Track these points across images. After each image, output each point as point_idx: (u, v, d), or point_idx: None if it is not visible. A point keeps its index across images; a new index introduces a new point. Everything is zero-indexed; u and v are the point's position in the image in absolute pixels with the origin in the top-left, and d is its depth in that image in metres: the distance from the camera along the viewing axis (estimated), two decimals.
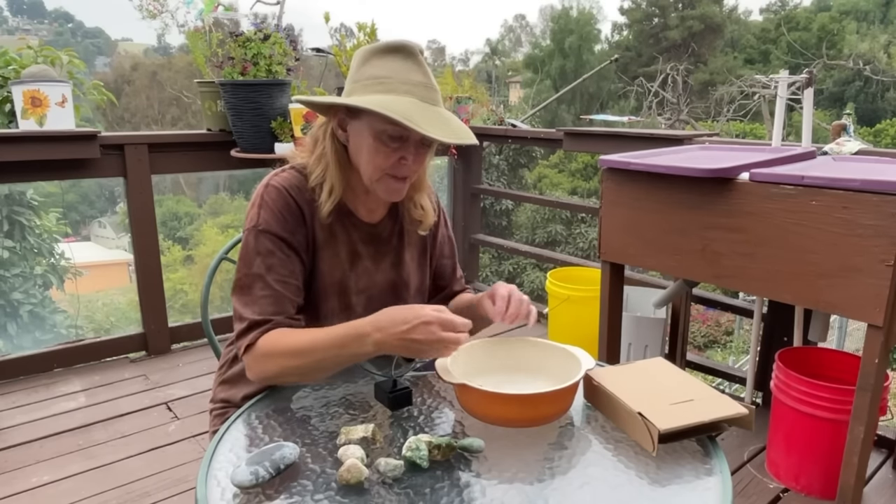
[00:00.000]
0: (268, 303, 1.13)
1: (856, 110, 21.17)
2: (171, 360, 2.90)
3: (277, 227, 1.15)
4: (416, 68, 1.13)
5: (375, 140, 1.13)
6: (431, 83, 1.14)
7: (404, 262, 1.31)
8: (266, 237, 1.15)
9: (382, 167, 1.14)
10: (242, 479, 0.85)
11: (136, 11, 2.93)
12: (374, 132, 1.12)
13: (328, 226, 1.21)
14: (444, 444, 0.91)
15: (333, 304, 1.22)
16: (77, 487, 1.97)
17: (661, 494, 0.86)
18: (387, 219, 1.29)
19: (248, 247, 1.16)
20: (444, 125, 1.10)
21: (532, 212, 12.14)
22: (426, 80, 1.13)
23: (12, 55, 2.71)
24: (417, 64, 1.13)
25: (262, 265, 1.14)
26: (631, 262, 2.01)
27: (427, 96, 1.12)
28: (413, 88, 1.11)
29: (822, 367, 1.97)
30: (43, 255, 3.62)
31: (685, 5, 30.31)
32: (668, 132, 4.61)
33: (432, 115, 1.10)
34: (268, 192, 1.17)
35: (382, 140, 1.12)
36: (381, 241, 1.28)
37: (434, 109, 1.12)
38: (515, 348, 1.15)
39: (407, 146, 1.14)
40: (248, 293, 1.14)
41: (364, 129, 1.14)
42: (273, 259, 1.15)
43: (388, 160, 1.14)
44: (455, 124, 1.13)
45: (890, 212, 1.40)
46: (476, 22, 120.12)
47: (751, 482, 1.97)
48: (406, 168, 1.15)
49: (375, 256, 1.27)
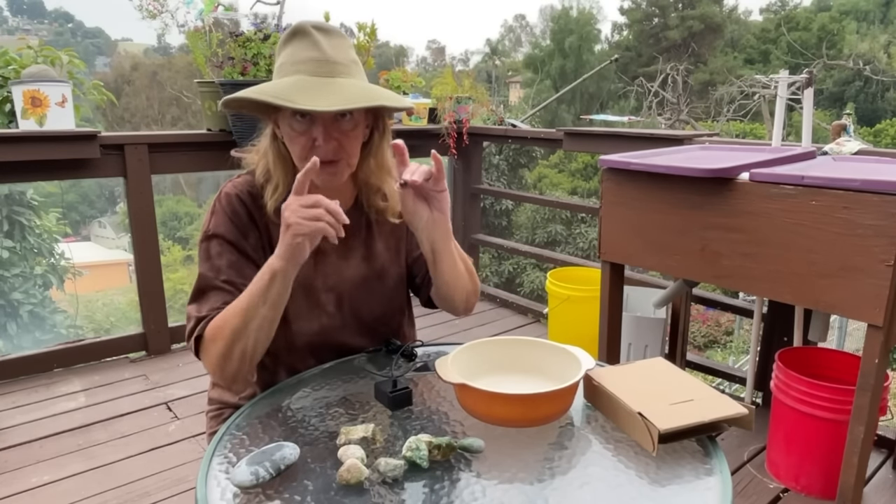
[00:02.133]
0: (214, 300, 1.13)
1: (856, 110, 21.19)
2: (171, 360, 2.90)
3: (226, 230, 1.16)
4: (309, 46, 1.11)
5: (289, 129, 1.13)
6: (326, 57, 1.10)
7: (376, 255, 1.28)
8: (215, 241, 1.16)
9: (300, 155, 1.13)
10: (243, 479, 0.85)
11: (136, 11, 2.93)
12: (286, 121, 1.13)
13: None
14: (444, 444, 0.91)
15: (300, 303, 1.20)
16: (77, 487, 1.97)
17: (661, 494, 0.86)
18: (352, 211, 1.23)
19: (201, 253, 1.18)
20: (331, 94, 1.06)
21: (532, 212, 12.15)
22: (318, 54, 1.10)
23: (12, 55, 2.71)
24: (311, 42, 1.11)
25: (211, 268, 1.15)
26: (631, 262, 2.01)
27: (318, 70, 1.09)
28: (301, 66, 1.10)
29: (822, 367, 1.97)
30: (43, 255, 3.62)
31: (685, 5, 30.32)
32: (668, 132, 4.61)
33: (318, 88, 1.07)
34: (219, 200, 1.19)
35: (293, 126, 1.12)
36: (348, 235, 1.18)
37: (323, 81, 1.08)
38: (515, 348, 1.15)
39: (315, 127, 1.11)
40: (199, 296, 1.15)
41: (283, 122, 1.14)
42: (221, 261, 1.15)
43: (302, 145, 1.12)
44: (350, 91, 1.08)
45: (890, 212, 1.40)
46: (476, 22, 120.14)
47: (751, 482, 1.97)
48: (321, 150, 1.11)
49: (342, 251, 1.24)
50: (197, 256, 1.19)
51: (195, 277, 1.18)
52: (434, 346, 1.31)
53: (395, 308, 1.33)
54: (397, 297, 1.33)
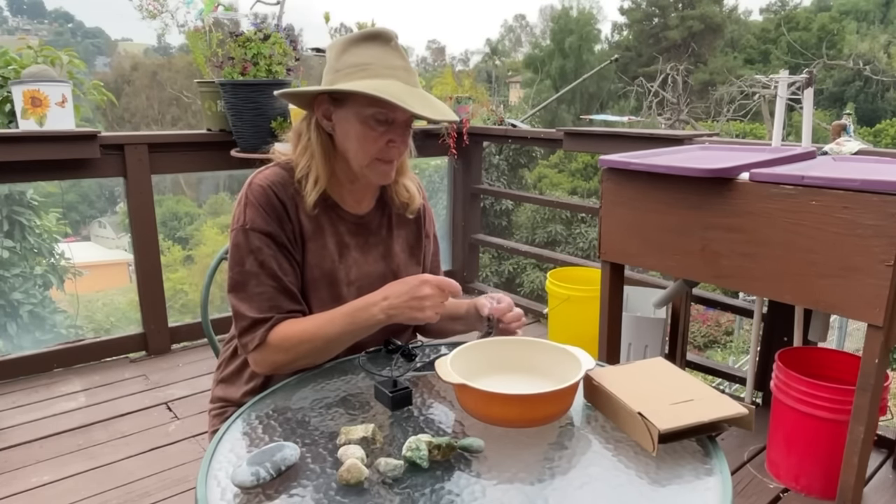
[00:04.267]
0: (265, 298, 1.17)
1: (856, 110, 21.19)
2: (171, 360, 2.90)
3: (263, 223, 1.18)
4: (394, 53, 1.17)
5: (363, 125, 1.16)
6: (410, 67, 1.19)
7: (394, 254, 1.33)
8: (254, 234, 1.18)
9: (372, 152, 1.18)
10: (243, 479, 0.85)
11: (136, 11, 2.93)
12: (360, 118, 1.16)
13: (314, 218, 1.23)
14: (444, 444, 0.91)
15: (323, 294, 1.24)
16: (77, 487, 1.97)
17: (661, 494, 0.86)
18: (374, 210, 1.31)
19: (239, 245, 1.19)
20: (429, 105, 1.14)
21: (532, 212, 12.14)
22: (405, 63, 1.18)
23: (12, 55, 2.71)
24: (395, 49, 1.17)
25: (254, 262, 1.17)
26: (631, 262, 2.01)
27: (409, 79, 1.17)
28: (395, 72, 1.15)
29: (822, 367, 1.97)
30: (43, 255, 3.61)
31: (685, 5, 30.31)
32: (668, 132, 4.61)
33: (417, 96, 1.14)
34: (251, 191, 1.20)
35: (370, 125, 1.16)
36: (370, 232, 1.30)
37: (417, 91, 1.16)
38: (516, 348, 1.15)
39: (394, 129, 1.17)
40: (244, 290, 1.18)
41: (350, 116, 1.17)
42: (263, 255, 1.17)
43: (378, 144, 1.17)
44: (437, 104, 1.18)
45: (890, 212, 1.40)
46: (476, 22, 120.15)
47: (751, 482, 1.97)
48: (395, 150, 1.19)
49: (364, 247, 1.29)
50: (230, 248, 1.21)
51: (231, 265, 1.20)
52: (434, 346, 1.31)
53: None
54: None
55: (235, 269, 1.19)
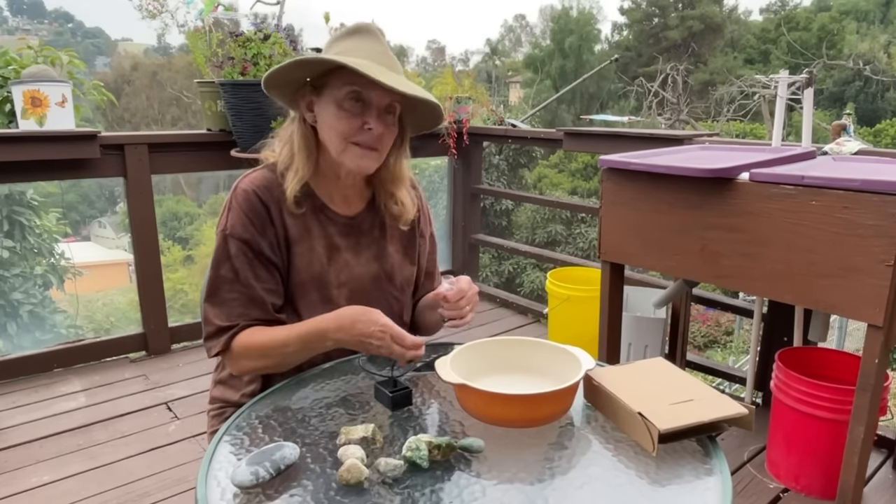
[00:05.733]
0: (235, 305, 1.17)
1: (856, 110, 21.18)
2: (171, 360, 2.90)
3: (243, 230, 1.18)
4: (375, 41, 1.19)
5: (338, 108, 1.16)
6: (390, 54, 1.19)
7: (387, 255, 1.31)
8: (232, 241, 1.18)
9: (346, 134, 1.17)
10: (243, 479, 0.85)
11: (136, 11, 2.93)
12: (336, 100, 1.16)
13: (301, 221, 1.22)
14: (444, 444, 0.91)
15: (313, 297, 1.23)
16: (77, 487, 1.97)
17: (661, 494, 0.86)
18: (366, 211, 1.30)
19: (218, 250, 1.19)
20: (402, 84, 1.13)
21: (532, 212, 12.13)
22: (385, 49, 1.19)
23: (12, 55, 2.71)
24: (377, 40, 1.19)
25: (229, 269, 1.18)
26: (631, 262, 2.01)
27: (387, 63, 1.17)
28: (373, 55, 1.16)
29: (822, 367, 1.97)
30: (43, 255, 3.61)
31: (685, 5, 30.30)
32: (668, 132, 4.61)
33: (388, 75, 1.13)
34: (236, 196, 1.20)
35: (344, 107, 1.16)
36: (362, 233, 1.29)
37: (391, 73, 1.15)
38: (515, 348, 1.15)
39: (369, 111, 1.16)
40: (216, 296, 1.18)
41: (328, 102, 1.17)
42: (239, 262, 1.17)
43: (351, 125, 1.16)
44: (410, 84, 1.15)
45: (890, 212, 1.40)
46: (476, 22, 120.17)
47: (751, 482, 1.97)
48: (370, 136, 1.17)
49: (356, 249, 1.28)
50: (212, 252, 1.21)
51: (208, 270, 1.20)
52: (434, 346, 1.31)
53: (401, 308, 1.36)
54: (403, 299, 1.36)
55: (212, 273, 1.20)
